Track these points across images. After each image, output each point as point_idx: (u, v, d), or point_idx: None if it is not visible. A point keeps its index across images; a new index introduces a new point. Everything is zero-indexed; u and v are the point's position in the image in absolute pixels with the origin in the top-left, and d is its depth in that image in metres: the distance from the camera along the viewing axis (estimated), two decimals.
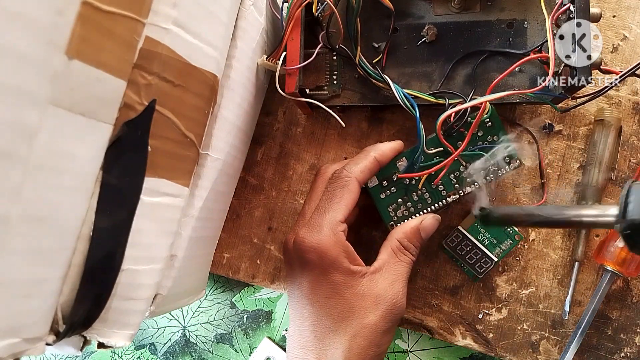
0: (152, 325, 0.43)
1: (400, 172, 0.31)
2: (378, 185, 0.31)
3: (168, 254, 0.25)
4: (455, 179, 0.31)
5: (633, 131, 0.34)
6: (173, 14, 0.21)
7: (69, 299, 0.20)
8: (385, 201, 0.31)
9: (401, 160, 0.31)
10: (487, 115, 0.30)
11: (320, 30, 0.33)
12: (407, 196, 0.31)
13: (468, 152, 0.30)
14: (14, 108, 0.15)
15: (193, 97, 0.24)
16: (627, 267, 0.31)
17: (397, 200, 0.31)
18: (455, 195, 0.31)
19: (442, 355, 0.39)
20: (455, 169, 0.31)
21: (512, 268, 0.34)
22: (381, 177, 0.31)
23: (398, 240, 0.29)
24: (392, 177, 0.31)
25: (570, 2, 0.28)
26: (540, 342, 0.34)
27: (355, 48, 0.31)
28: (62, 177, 0.18)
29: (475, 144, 0.31)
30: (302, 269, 0.29)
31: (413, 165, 0.30)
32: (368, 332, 0.27)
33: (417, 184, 0.31)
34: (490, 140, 0.31)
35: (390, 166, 0.31)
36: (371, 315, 0.27)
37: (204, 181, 0.27)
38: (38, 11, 0.15)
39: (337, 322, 0.27)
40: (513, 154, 0.30)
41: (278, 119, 0.38)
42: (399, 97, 0.30)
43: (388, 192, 0.31)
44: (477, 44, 0.32)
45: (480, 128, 0.31)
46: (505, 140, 0.30)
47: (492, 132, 0.31)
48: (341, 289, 0.28)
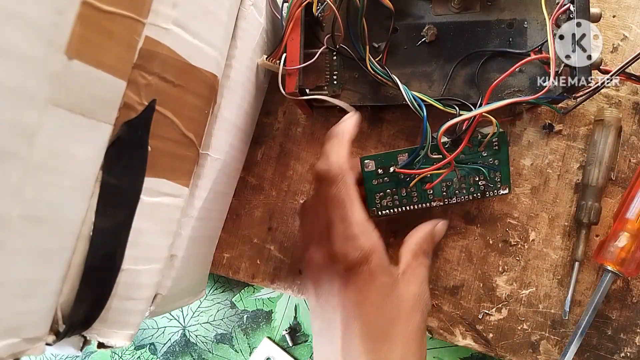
0: (152, 325, 0.43)
1: (399, 166, 0.31)
2: (373, 172, 0.31)
3: (168, 254, 0.25)
4: (445, 188, 0.32)
5: (633, 131, 0.34)
6: (173, 14, 0.21)
7: (69, 299, 0.20)
8: (374, 188, 0.32)
9: (403, 155, 0.31)
10: (495, 135, 0.30)
11: (321, 30, 0.33)
12: (396, 189, 0.32)
13: (467, 167, 0.31)
14: (14, 108, 0.15)
15: (193, 97, 0.24)
16: (627, 267, 0.31)
17: (385, 190, 0.32)
18: (440, 202, 0.32)
19: (442, 355, 0.39)
20: (450, 178, 0.31)
21: (512, 268, 0.34)
22: (379, 165, 0.31)
23: (417, 245, 0.30)
24: (389, 168, 0.31)
25: (570, 2, 0.28)
26: (540, 342, 0.34)
27: (364, 48, 0.31)
28: (62, 177, 0.18)
29: (477, 162, 0.31)
30: (347, 280, 0.27)
31: (413, 164, 0.31)
32: (416, 335, 0.27)
33: (409, 181, 0.31)
34: (492, 163, 0.31)
35: (391, 157, 0.31)
36: (414, 317, 0.27)
37: (204, 181, 0.27)
38: (38, 11, 0.15)
39: (389, 327, 0.27)
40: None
41: (278, 119, 0.38)
42: (408, 98, 0.30)
43: (380, 180, 0.32)
44: (477, 44, 0.32)
45: (487, 148, 0.31)
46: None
47: (496, 155, 0.31)
48: (388, 292, 0.27)
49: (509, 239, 0.35)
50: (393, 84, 0.31)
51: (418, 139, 0.36)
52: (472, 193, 0.32)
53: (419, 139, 0.36)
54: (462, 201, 0.32)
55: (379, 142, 0.36)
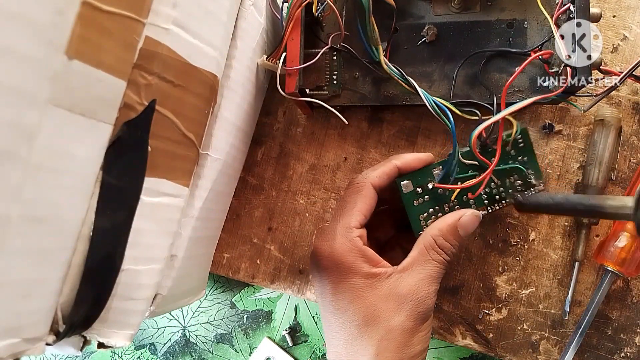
0: (152, 325, 0.43)
1: (437, 181, 0.29)
2: (412, 192, 0.30)
3: (168, 254, 0.25)
4: (486, 195, 0.30)
5: (633, 131, 0.34)
6: (173, 14, 0.21)
7: (69, 299, 0.20)
8: (417, 209, 0.30)
9: (437, 169, 0.30)
10: (517, 133, 0.29)
11: (321, 30, 0.33)
12: (439, 207, 0.30)
13: (502, 167, 0.30)
14: (14, 108, 0.15)
15: (193, 97, 0.24)
16: (627, 267, 0.31)
17: (428, 209, 0.30)
18: (484, 211, 0.30)
19: (442, 355, 0.39)
20: (487, 185, 0.30)
21: (512, 268, 0.34)
22: (416, 184, 0.30)
23: (433, 238, 0.28)
24: (427, 185, 0.30)
25: (570, 2, 0.28)
26: (540, 342, 0.34)
27: (377, 48, 0.31)
28: (62, 177, 0.18)
29: (508, 162, 0.30)
30: (321, 278, 0.28)
31: (448, 176, 0.29)
32: (394, 334, 0.26)
33: (450, 195, 0.30)
34: (521, 160, 0.30)
35: (427, 174, 0.30)
36: (396, 316, 0.26)
37: (204, 181, 0.27)
38: (38, 11, 0.15)
39: (362, 327, 0.26)
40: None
41: (278, 119, 0.38)
42: (429, 103, 0.29)
43: (421, 200, 0.30)
44: (477, 44, 0.32)
45: (514, 147, 0.30)
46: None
47: (522, 152, 0.30)
48: (363, 293, 0.27)
49: (509, 239, 0.35)
50: (410, 86, 0.30)
51: (418, 139, 0.36)
52: (512, 195, 0.30)
53: (419, 139, 0.36)
54: (505, 206, 0.31)
55: (379, 142, 0.36)
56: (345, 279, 0.27)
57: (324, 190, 0.37)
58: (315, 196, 0.37)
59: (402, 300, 0.26)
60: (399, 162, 0.29)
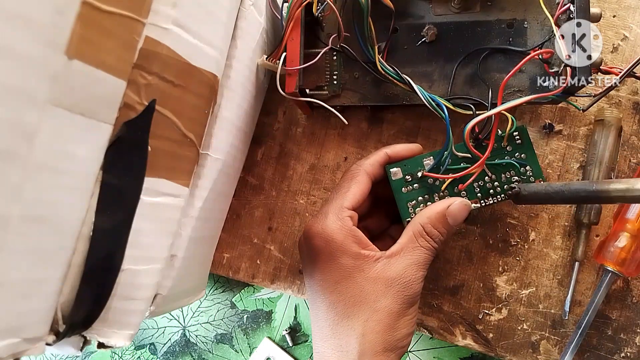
0: (152, 325, 0.43)
1: (426, 170, 0.30)
2: (401, 179, 0.30)
3: (168, 254, 0.25)
4: (478, 188, 0.31)
5: (633, 131, 0.34)
6: (173, 14, 0.21)
7: (69, 299, 0.20)
8: (405, 196, 0.30)
9: (428, 159, 0.30)
10: (513, 130, 0.30)
11: (321, 30, 0.33)
12: (429, 195, 0.30)
13: (497, 162, 0.30)
14: (14, 108, 0.15)
15: (193, 97, 0.24)
16: (627, 267, 0.31)
17: (417, 197, 0.30)
18: (476, 204, 0.30)
19: (442, 355, 0.39)
20: (481, 178, 0.30)
21: (512, 268, 0.34)
22: (406, 172, 0.30)
23: (421, 225, 0.28)
24: (417, 173, 0.30)
25: (570, 2, 0.28)
26: (540, 342, 0.34)
27: (373, 49, 0.31)
28: (62, 177, 0.18)
29: (503, 158, 0.30)
30: (310, 258, 0.29)
31: (439, 166, 0.30)
32: (381, 315, 0.27)
33: (440, 185, 0.30)
34: (519, 157, 0.30)
35: (417, 163, 0.30)
36: (383, 298, 0.27)
37: (204, 181, 0.27)
38: (38, 11, 0.15)
39: (349, 307, 0.27)
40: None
41: (278, 119, 0.38)
42: (425, 99, 0.30)
43: (410, 188, 0.30)
44: (477, 44, 0.32)
45: (510, 143, 0.30)
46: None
47: (521, 149, 0.30)
48: (351, 273, 0.27)
49: (509, 239, 0.35)
50: (406, 84, 0.31)
51: (418, 139, 0.36)
52: (506, 191, 0.30)
53: (419, 139, 0.36)
54: (500, 201, 0.31)
55: (379, 142, 0.36)
56: (334, 258, 0.28)
57: (324, 190, 0.37)
58: (315, 196, 0.37)
59: (389, 283, 0.27)
60: (389, 151, 0.31)
